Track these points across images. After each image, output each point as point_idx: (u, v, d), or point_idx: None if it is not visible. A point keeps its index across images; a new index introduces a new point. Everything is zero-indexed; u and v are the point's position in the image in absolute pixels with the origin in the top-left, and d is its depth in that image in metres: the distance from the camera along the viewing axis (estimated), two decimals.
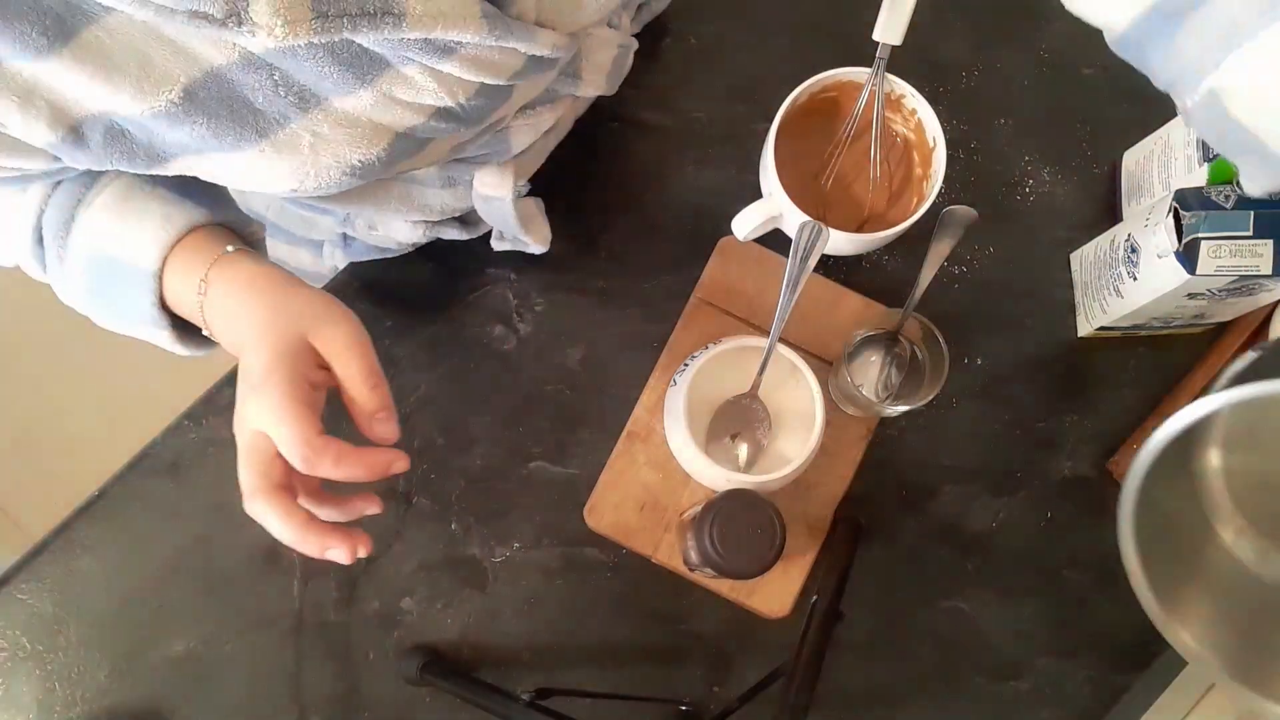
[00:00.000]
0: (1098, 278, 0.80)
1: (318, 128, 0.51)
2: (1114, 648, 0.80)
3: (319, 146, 0.51)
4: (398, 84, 0.51)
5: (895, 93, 0.76)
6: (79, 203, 0.56)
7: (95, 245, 0.56)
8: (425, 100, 0.52)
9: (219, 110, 0.48)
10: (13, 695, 0.75)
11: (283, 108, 0.49)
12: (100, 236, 0.56)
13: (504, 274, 0.81)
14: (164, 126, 0.48)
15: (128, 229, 0.56)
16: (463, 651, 0.78)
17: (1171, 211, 0.69)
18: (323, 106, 0.50)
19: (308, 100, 0.50)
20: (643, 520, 0.78)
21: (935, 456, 0.82)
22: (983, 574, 0.80)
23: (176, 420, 0.79)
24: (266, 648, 0.77)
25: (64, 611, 0.76)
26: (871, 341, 0.79)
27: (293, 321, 0.54)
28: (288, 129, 0.50)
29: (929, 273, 0.73)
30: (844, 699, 0.78)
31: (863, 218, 0.80)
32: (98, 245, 0.56)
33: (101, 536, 0.77)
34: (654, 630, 0.79)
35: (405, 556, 0.78)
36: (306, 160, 0.52)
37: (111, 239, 0.56)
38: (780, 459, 0.75)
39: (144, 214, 0.56)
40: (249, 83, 0.48)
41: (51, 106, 0.46)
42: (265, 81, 0.48)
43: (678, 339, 0.80)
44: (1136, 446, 0.80)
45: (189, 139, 0.49)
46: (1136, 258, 0.74)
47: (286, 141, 0.51)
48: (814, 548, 0.78)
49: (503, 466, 0.80)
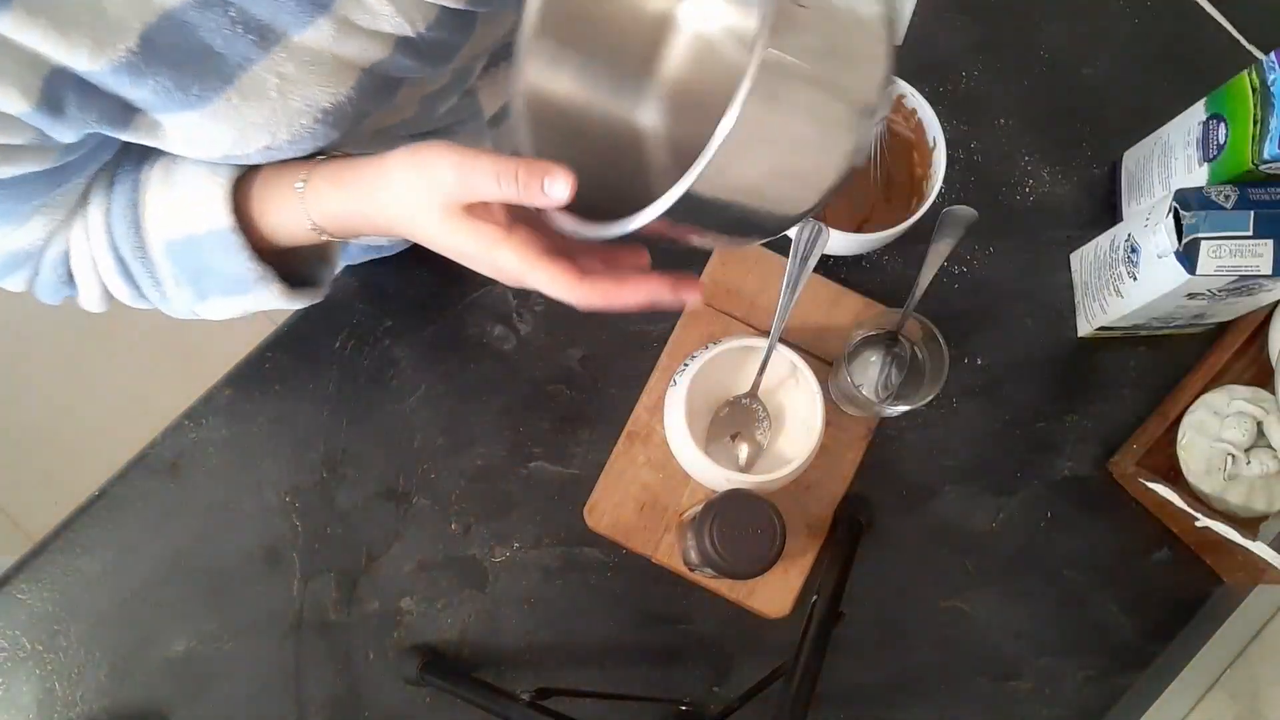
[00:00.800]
0: (1098, 278, 0.80)
1: (282, 68, 0.50)
2: (1114, 648, 0.80)
3: (286, 89, 0.51)
4: (354, 8, 0.50)
5: (895, 92, 0.76)
6: (136, 210, 0.56)
7: (170, 236, 0.56)
8: (383, 27, 0.52)
9: (180, 59, 0.48)
10: (13, 695, 0.75)
11: (244, 48, 0.49)
12: (170, 228, 0.56)
13: None
14: (127, 82, 0.47)
15: (185, 206, 0.55)
16: (463, 651, 0.78)
17: (1171, 211, 0.69)
18: (284, 43, 0.50)
19: (268, 37, 0.49)
20: (643, 520, 0.78)
21: (935, 456, 0.82)
22: (983, 574, 0.80)
23: (176, 420, 0.79)
24: (266, 648, 0.77)
25: (64, 611, 0.76)
26: (871, 341, 0.79)
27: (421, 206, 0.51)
28: (251, 71, 0.50)
29: (929, 273, 0.73)
30: (844, 699, 0.78)
31: (863, 218, 0.80)
32: (172, 235, 0.56)
33: (101, 536, 0.77)
34: (654, 630, 0.79)
35: (405, 556, 0.78)
36: (276, 106, 0.51)
37: (179, 224, 0.56)
38: (780, 459, 0.75)
39: (189, 185, 0.55)
40: (205, 23, 0.47)
41: (16, 67, 0.45)
42: (222, 19, 0.48)
43: (678, 339, 0.80)
44: (1137, 446, 0.80)
45: (155, 95, 0.48)
46: (1136, 258, 0.74)
47: (252, 86, 0.50)
48: (814, 548, 0.78)
49: (503, 466, 0.80)
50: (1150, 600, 0.81)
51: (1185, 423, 0.79)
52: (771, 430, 0.76)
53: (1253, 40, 0.88)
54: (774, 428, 0.76)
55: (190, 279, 0.58)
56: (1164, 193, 0.77)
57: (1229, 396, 0.78)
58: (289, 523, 0.78)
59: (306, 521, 0.78)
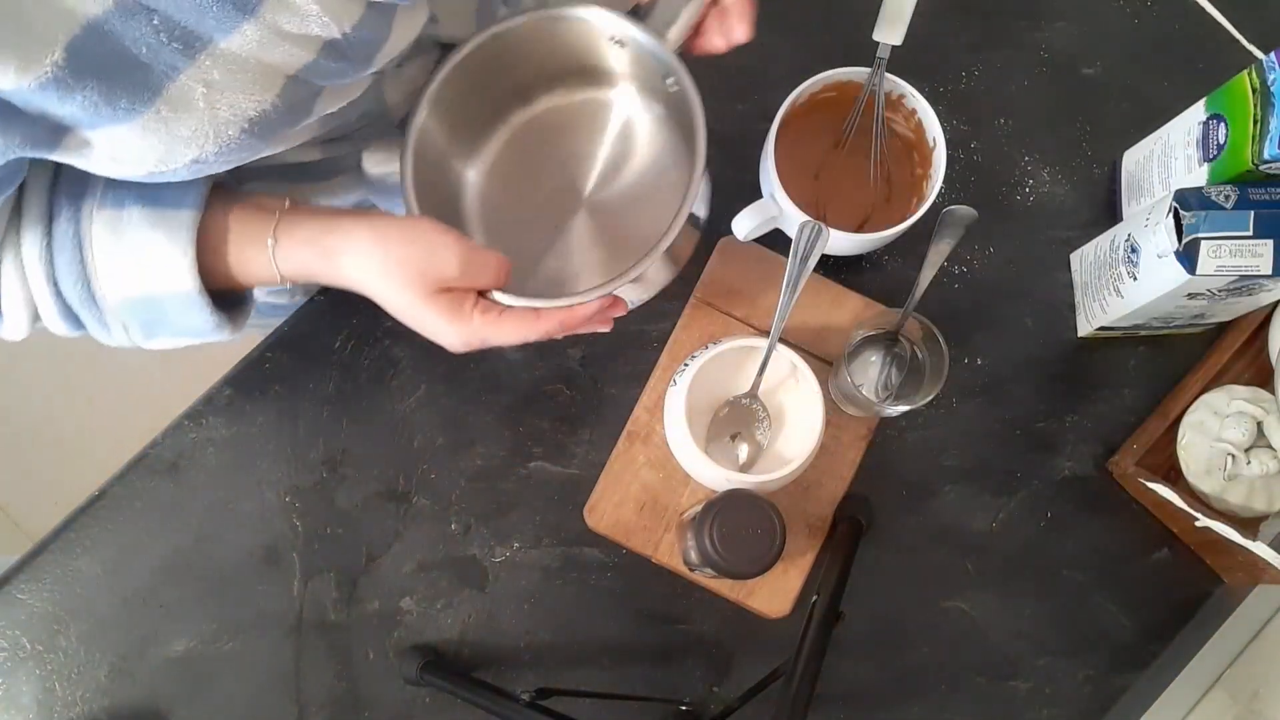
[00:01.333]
0: (1098, 278, 0.80)
1: (208, 75, 0.50)
2: (1114, 648, 0.80)
3: (214, 99, 0.51)
4: (281, 12, 0.50)
5: (895, 93, 0.76)
6: (85, 267, 0.57)
7: (126, 293, 0.58)
8: (311, 29, 0.52)
9: (107, 70, 0.47)
10: (13, 695, 0.75)
11: (169, 57, 0.48)
12: (125, 285, 0.57)
13: None
14: (55, 98, 0.47)
15: (142, 267, 0.57)
16: (463, 651, 0.78)
17: (1171, 211, 0.69)
18: (209, 50, 0.49)
19: (193, 45, 0.49)
20: (643, 520, 0.78)
21: (935, 456, 0.82)
22: (983, 574, 0.81)
23: (176, 420, 0.79)
24: (266, 648, 0.77)
25: (64, 611, 0.76)
26: (871, 341, 0.79)
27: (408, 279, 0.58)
28: (178, 81, 0.49)
29: (929, 273, 0.73)
30: (844, 699, 0.78)
31: (863, 218, 0.80)
32: (128, 293, 0.58)
33: (101, 536, 0.77)
34: (654, 630, 0.79)
35: (405, 556, 0.78)
36: (204, 117, 0.51)
37: (136, 283, 0.57)
38: (780, 459, 0.75)
39: (145, 246, 0.57)
40: (129, 32, 0.47)
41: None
42: (145, 28, 0.47)
43: (678, 339, 0.80)
44: (1136, 446, 0.80)
45: (83, 110, 0.48)
46: (1136, 258, 0.74)
47: (180, 97, 0.50)
48: (814, 548, 0.78)
49: (503, 466, 0.80)
50: (1150, 600, 0.81)
51: (1185, 423, 0.79)
52: (771, 430, 0.76)
53: (1253, 40, 0.88)
54: (774, 428, 0.76)
55: (142, 325, 0.60)
56: (1164, 193, 0.77)
57: (1229, 396, 0.78)
58: (289, 523, 0.78)
59: (306, 521, 0.78)
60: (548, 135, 0.74)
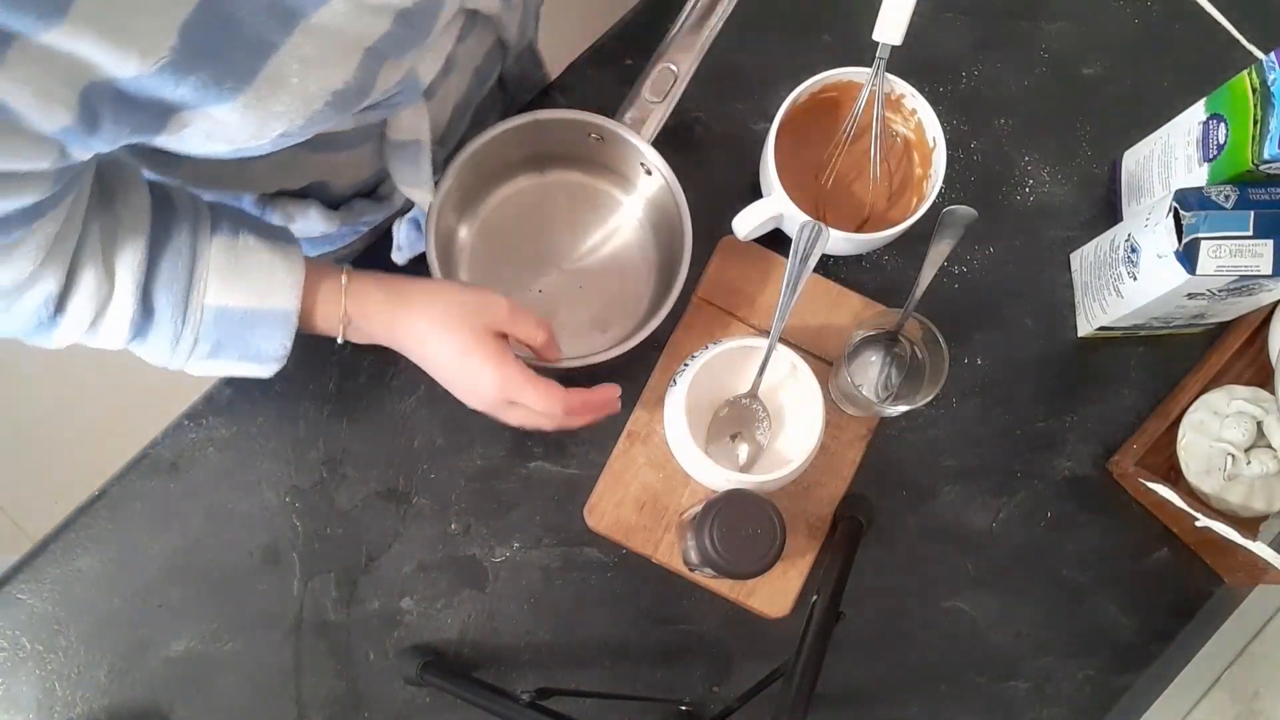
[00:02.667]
0: (1098, 278, 0.80)
1: (301, 50, 0.51)
2: (1114, 648, 0.80)
3: (305, 74, 0.52)
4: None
5: (895, 93, 0.76)
6: (190, 277, 0.61)
7: (226, 304, 0.62)
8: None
9: (216, 49, 0.48)
10: (13, 695, 0.75)
11: (269, 32, 0.50)
12: (230, 298, 0.62)
13: None
14: (171, 83, 0.48)
15: (257, 283, 0.63)
16: (463, 651, 0.78)
17: (1171, 211, 0.69)
18: (303, 24, 0.51)
19: (289, 19, 0.50)
20: (643, 520, 0.78)
21: (935, 456, 0.82)
22: (983, 574, 0.81)
23: (176, 420, 0.79)
24: (266, 648, 0.77)
25: (64, 611, 0.76)
26: (871, 341, 0.79)
27: (464, 320, 0.66)
28: (276, 58, 0.51)
29: (929, 273, 0.73)
30: (844, 699, 0.78)
31: (863, 218, 0.80)
32: (229, 304, 0.62)
33: (101, 536, 0.77)
34: (654, 630, 0.79)
35: (405, 556, 0.78)
36: (296, 92, 0.53)
37: (243, 297, 0.63)
38: (780, 459, 0.75)
39: (266, 267, 0.63)
40: (235, 10, 0.48)
41: (66, 81, 0.46)
42: (248, 4, 0.48)
43: (678, 339, 0.80)
44: (1136, 446, 0.80)
45: (193, 92, 0.49)
46: (1136, 258, 0.74)
47: (276, 74, 0.51)
48: (814, 548, 0.78)
49: (503, 466, 0.80)
50: (1150, 600, 0.81)
51: (1185, 423, 0.79)
52: (771, 430, 0.76)
53: (1253, 40, 0.88)
54: (774, 428, 0.76)
55: (214, 344, 0.63)
56: (1164, 193, 0.77)
57: (1229, 396, 0.78)
58: (289, 523, 0.78)
59: (306, 521, 0.78)
60: (533, 206, 0.83)
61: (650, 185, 0.79)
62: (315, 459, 0.79)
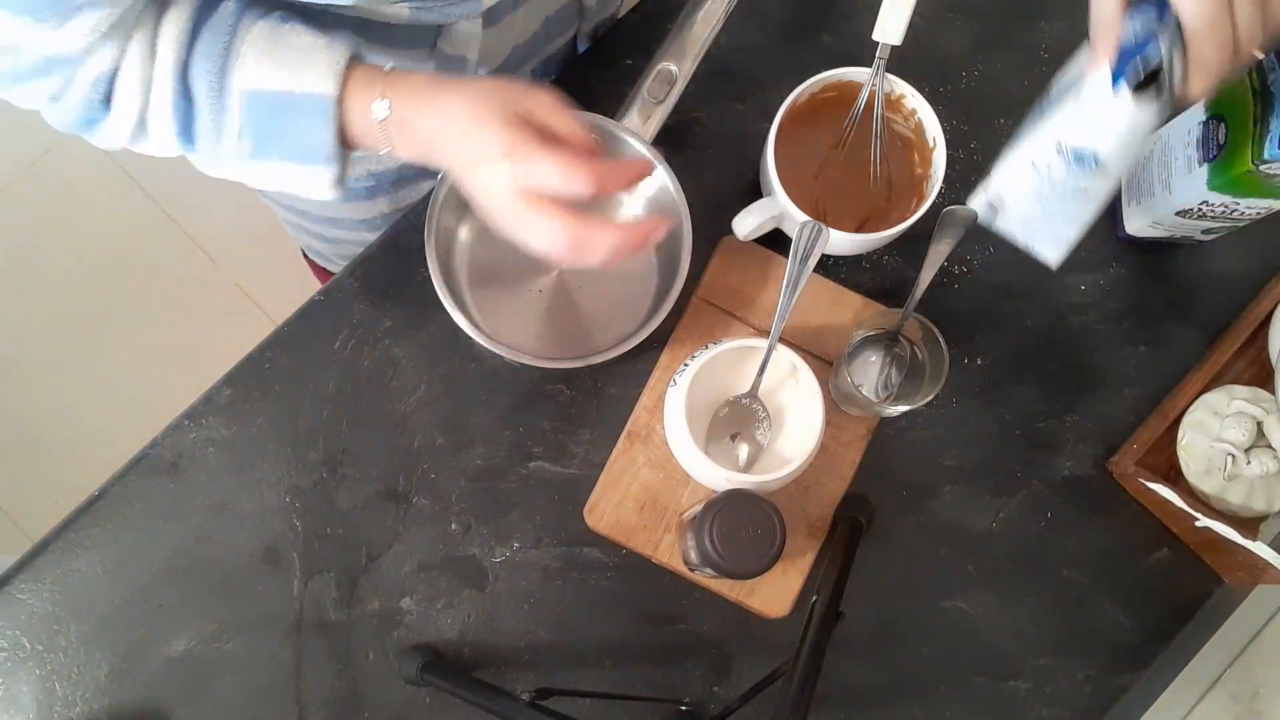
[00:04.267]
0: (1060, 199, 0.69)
1: None
2: (1114, 648, 0.80)
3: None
4: None
5: (895, 93, 0.76)
6: (227, 53, 0.57)
7: (261, 86, 0.58)
8: None
9: None
10: (13, 695, 0.75)
11: None
12: (265, 79, 0.58)
13: None
14: None
15: (294, 64, 0.58)
16: (463, 651, 0.78)
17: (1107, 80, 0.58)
18: None
19: None
20: (643, 520, 0.78)
21: (935, 456, 0.82)
22: (983, 574, 0.81)
23: (176, 420, 0.79)
24: (266, 648, 0.77)
25: (64, 611, 0.76)
26: (871, 341, 0.79)
27: (502, 104, 0.57)
28: None
29: (929, 273, 0.73)
30: (844, 699, 0.78)
31: (863, 218, 0.80)
32: (264, 86, 0.58)
33: (101, 536, 0.77)
34: (654, 630, 0.79)
35: (405, 556, 0.78)
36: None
37: (278, 78, 0.58)
38: (780, 459, 0.75)
39: (306, 49, 0.58)
40: None
41: None
42: None
43: (678, 339, 0.80)
44: (1136, 446, 0.80)
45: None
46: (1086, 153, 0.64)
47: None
48: (814, 548, 0.78)
49: (503, 466, 0.80)
50: (1150, 600, 0.81)
51: (1185, 423, 0.79)
52: (771, 430, 0.76)
53: None
54: (774, 428, 0.76)
55: (256, 135, 0.59)
56: (1164, 193, 0.77)
57: (1229, 396, 0.78)
58: (289, 523, 0.78)
59: (306, 521, 0.78)
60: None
61: (650, 185, 0.79)
62: (315, 459, 0.79)
